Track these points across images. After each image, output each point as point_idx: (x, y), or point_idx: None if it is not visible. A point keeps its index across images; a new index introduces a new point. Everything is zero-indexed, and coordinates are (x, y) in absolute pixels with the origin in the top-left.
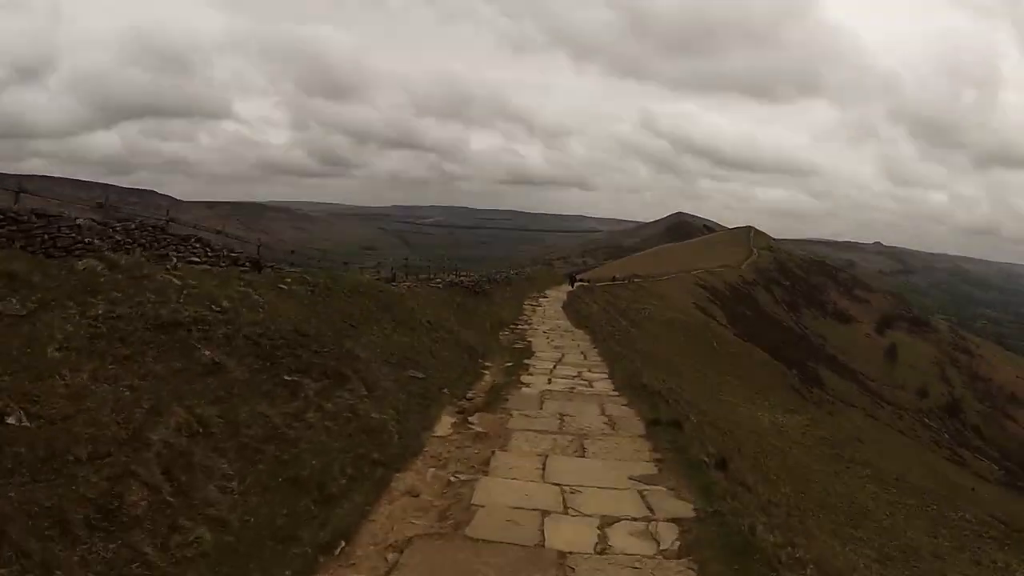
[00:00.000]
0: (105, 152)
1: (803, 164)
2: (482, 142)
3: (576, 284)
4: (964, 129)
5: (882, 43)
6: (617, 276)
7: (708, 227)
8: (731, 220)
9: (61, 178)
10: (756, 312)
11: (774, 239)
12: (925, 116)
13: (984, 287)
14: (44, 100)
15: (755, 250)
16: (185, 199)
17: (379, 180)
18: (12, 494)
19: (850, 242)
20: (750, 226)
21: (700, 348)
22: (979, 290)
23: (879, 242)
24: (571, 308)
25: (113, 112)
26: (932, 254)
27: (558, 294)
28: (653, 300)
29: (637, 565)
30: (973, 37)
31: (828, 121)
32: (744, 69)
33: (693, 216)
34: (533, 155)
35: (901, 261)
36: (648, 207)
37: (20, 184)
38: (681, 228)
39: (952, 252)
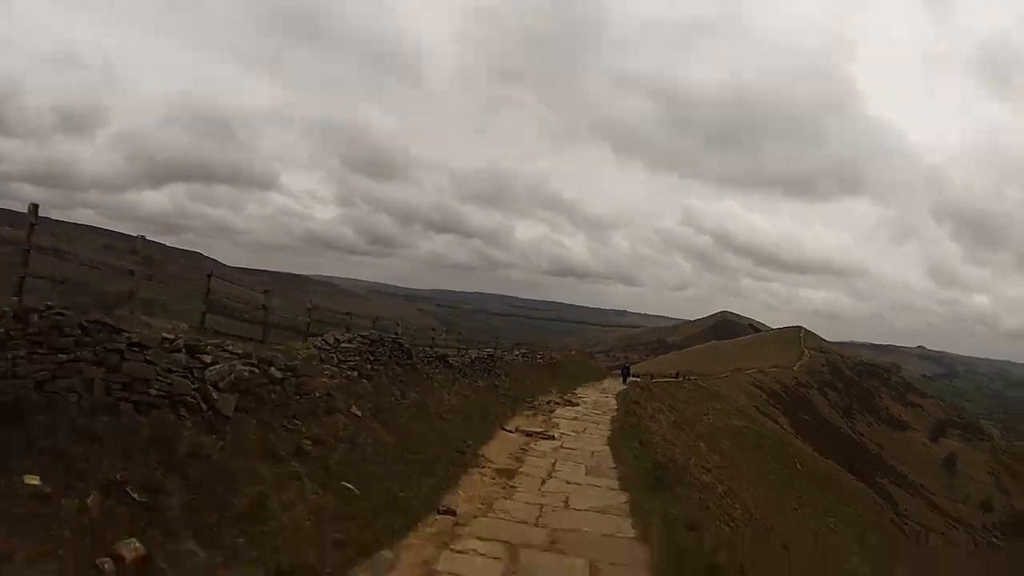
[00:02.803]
0: (153, 210)
1: (846, 264)
2: (526, 231)
3: (629, 380)
4: (1008, 227)
5: (925, 137)
6: (679, 372)
7: (754, 327)
8: (774, 320)
9: (109, 230)
10: (815, 418)
11: (825, 341)
12: (969, 214)
13: None
14: (93, 153)
15: (806, 351)
16: (230, 264)
17: (423, 262)
18: None
19: (893, 345)
20: (800, 326)
21: (784, 469)
22: None
23: (922, 346)
24: (631, 442)
25: (161, 172)
26: (976, 358)
27: (601, 398)
28: (715, 403)
29: None
30: (1017, 130)
31: (871, 219)
32: (786, 164)
33: (738, 315)
34: (577, 247)
35: (945, 365)
36: (690, 304)
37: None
38: (726, 327)
39: (996, 356)
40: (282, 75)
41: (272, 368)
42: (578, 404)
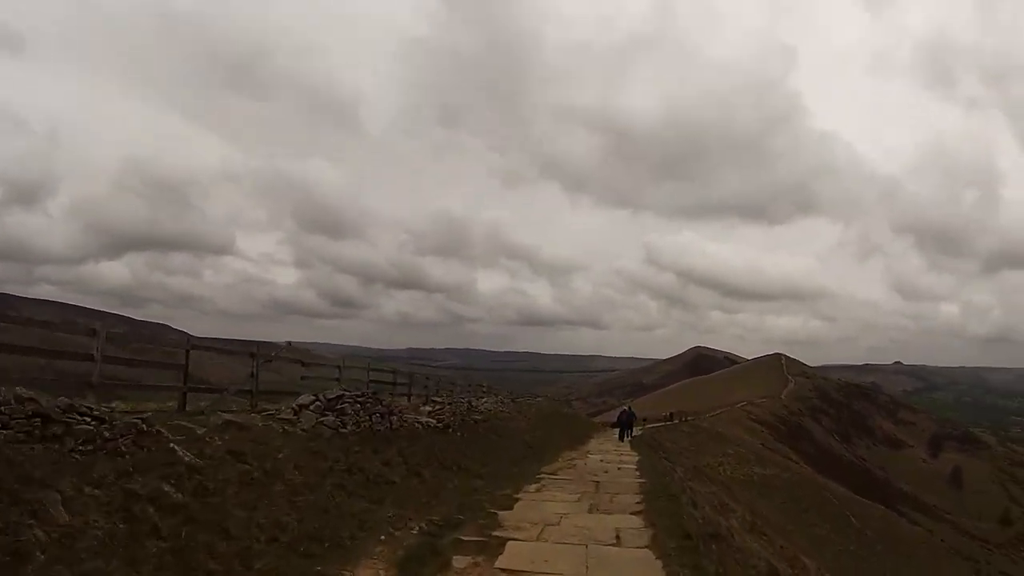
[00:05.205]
0: (114, 282)
1: (810, 288)
2: (488, 282)
3: (635, 433)
4: (968, 233)
5: (875, 148)
6: (672, 413)
7: (730, 359)
8: (746, 351)
9: (74, 305)
10: (818, 448)
11: (808, 366)
12: (928, 223)
13: (1008, 396)
14: (46, 225)
15: (791, 378)
16: (198, 335)
17: (391, 322)
18: None
19: (870, 364)
20: (780, 353)
21: (843, 529)
22: (1004, 399)
23: (899, 362)
24: None
25: (117, 242)
26: (952, 368)
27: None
28: (724, 447)
29: None
30: (966, 133)
31: (830, 239)
32: (738, 188)
33: (712, 349)
34: (540, 294)
35: (923, 378)
36: (661, 343)
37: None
38: (702, 362)
39: (971, 364)
40: (226, 129)
41: None
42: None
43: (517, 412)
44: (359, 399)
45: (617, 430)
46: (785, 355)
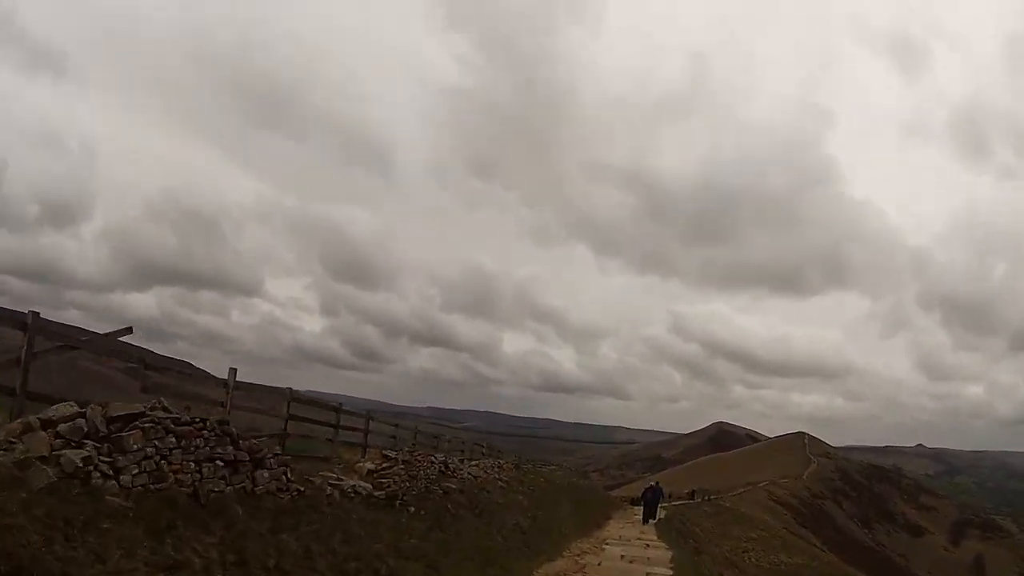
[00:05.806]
0: (141, 315)
1: (836, 365)
2: (514, 343)
3: (656, 517)
4: (997, 309)
5: (906, 217)
6: (694, 491)
7: (751, 436)
8: (769, 429)
9: (100, 333)
10: (840, 533)
11: (830, 446)
12: (956, 298)
13: None
14: (79, 248)
15: (813, 458)
16: (221, 376)
17: (414, 378)
18: None
19: (892, 446)
20: (803, 432)
21: None
22: None
23: (921, 444)
24: None
25: (146, 273)
26: (975, 452)
27: None
28: (748, 530)
29: None
30: (998, 204)
31: (859, 312)
32: (769, 255)
33: (734, 425)
34: (565, 360)
35: (945, 462)
36: (683, 417)
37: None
38: (724, 439)
39: (994, 448)
40: (259, 165)
41: None
42: None
43: (518, 482)
44: (180, 426)
45: (640, 508)
46: (808, 434)
